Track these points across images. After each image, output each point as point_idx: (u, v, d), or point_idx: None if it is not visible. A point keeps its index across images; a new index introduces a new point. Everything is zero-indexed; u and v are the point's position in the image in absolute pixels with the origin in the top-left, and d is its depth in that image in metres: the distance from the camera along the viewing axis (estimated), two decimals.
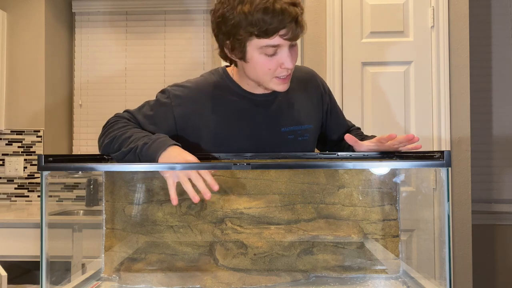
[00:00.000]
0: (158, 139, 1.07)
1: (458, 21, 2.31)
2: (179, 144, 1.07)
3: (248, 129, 1.24)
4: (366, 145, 1.17)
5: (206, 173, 0.99)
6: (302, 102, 1.31)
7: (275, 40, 1.07)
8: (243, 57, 1.14)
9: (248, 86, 1.25)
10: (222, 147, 1.22)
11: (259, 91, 1.26)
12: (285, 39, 1.08)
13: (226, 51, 1.16)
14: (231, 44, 1.13)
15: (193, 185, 0.99)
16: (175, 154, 1.02)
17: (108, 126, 1.19)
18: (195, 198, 0.98)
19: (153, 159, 1.03)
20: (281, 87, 1.18)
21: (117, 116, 1.24)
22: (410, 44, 2.34)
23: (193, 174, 0.98)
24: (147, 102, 1.27)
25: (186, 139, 1.23)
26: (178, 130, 1.23)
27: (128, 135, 1.12)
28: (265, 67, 1.13)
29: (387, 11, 2.35)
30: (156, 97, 1.27)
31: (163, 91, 1.27)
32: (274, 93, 1.26)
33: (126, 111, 1.27)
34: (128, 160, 1.09)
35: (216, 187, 0.98)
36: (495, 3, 2.96)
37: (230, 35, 1.11)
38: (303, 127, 1.29)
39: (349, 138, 1.15)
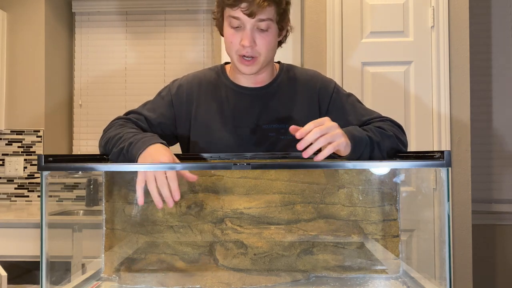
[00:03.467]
0: (143, 138, 1.06)
1: (458, 21, 2.31)
2: (163, 142, 1.06)
3: (230, 121, 1.27)
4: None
5: (172, 180, 0.95)
6: (293, 102, 1.29)
7: (237, 12, 1.15)
8: (221, 30, 1.24)
9: (238, 80, 1.29)
10: (205, 137, 1.27)
11: (249, 84, 1.28)
12: (244, 14, 1.14)
13: (219, 29, 1.26)
14: (218, 15, 1.23)
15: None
16: (152, 152, 1.01)
17: (106, 129, 1.22)
18: (158, 205, 0.95)
19: (135, 159, 1.03)
20: (244, 68, 1.21)
21: (117, 118, 1.26)
22: (410, 44, 2.34)
23: (159, 177, 0.94)
24: (149, 100, 1.33)
25: (179, 126, 1.29)
26: (176, 116, 1.29)
27: (120, 136, 1.12)
28: (228, 39, 1.20)
29: (387, 11, 2.35)
30: (158, 92, 1.34)
31: (164, 87, 1.34)
32: (264, 88, 1.29)
33: (130, 111, 1.29)
34: (120, 161, 1.09)
35: (178, 197, 0.95)
36: (495, 3, 2.96)
37: (218, 4, 1.22)
38: (288, 127, 1.25)
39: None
